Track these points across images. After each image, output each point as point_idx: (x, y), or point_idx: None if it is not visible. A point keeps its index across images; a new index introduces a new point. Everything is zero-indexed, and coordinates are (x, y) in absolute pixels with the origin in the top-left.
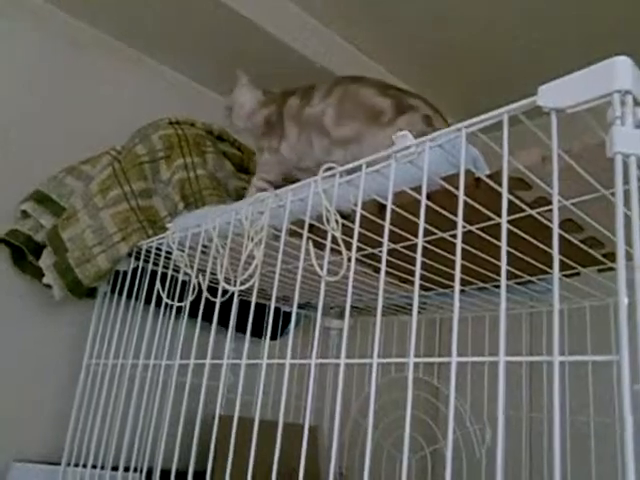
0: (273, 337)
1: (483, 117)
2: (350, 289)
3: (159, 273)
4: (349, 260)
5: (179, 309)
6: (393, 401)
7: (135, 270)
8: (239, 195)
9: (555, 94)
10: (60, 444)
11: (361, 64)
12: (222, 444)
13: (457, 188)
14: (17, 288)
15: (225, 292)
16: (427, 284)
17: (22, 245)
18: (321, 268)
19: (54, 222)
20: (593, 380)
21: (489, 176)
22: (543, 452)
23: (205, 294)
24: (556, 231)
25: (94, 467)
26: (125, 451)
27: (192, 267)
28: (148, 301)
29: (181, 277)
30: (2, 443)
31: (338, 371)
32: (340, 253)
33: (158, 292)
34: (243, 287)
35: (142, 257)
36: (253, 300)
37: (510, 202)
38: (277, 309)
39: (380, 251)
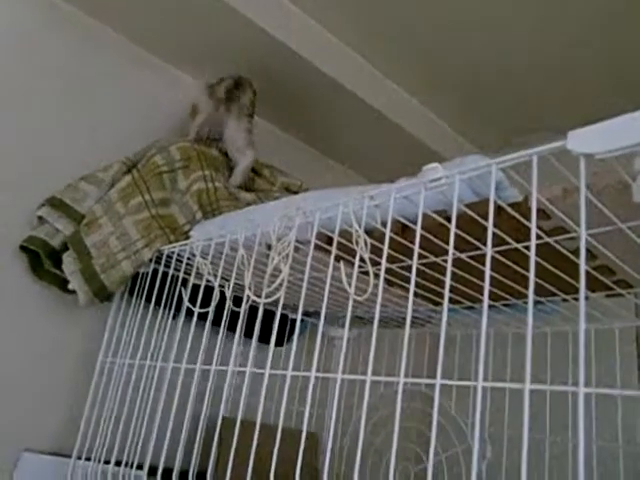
0: (279, 344)
1: (513, 156)
2: (379, 309)
3: (180, 278)
4: (375, 277)
5: (193, 313)
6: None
7: (151, 273)
8: None
9: (584, 140)
10: (72, 438)
11: (374, 79)
12: (225, 445)
13: (480, 215)
14: (34, 292)
15: (246, 302)
16: (438, 299)
17: (38, 249)
18: (347, 285)
19: (70, 226)
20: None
21: (511, 205)
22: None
23: (229, 303)
24: (583, 268)
25: (107, 462)
26: (136, 448)
27: (215, 275)
28: (160, 303)
29: (193, 280)
30: (15, 433)
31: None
32: (362, 267)
33: (174, 296)
34: (269, 300)
35: (163, 262)
36: (278, 312)
37: (530, 229)
38: (284, 316)
39: (400, 267)
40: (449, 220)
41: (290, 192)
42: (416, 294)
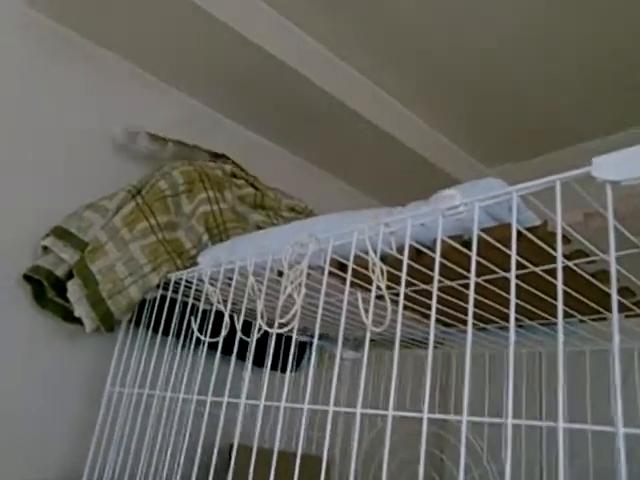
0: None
1: (535, 182)
2: (398, 337)
3: (189, 304)
4: (393, 303)
5: (201, 340)
6: (407, 437)
7: (156, 299)
8: (259, 229)
9: (610, 166)
10: (79, 468)
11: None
12: (238, 473)
13: (497, 240)
14: (38, 322)
15: (258, 331)
16: (449, 320)
17: (42, 278)
18: (364, 314)
19: (75, 255)
20: None
21: (529, 229)
22: None
23: (239, 332)
24: (615, 294)
25: None
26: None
27: (225, 301)
28: (168, 332)
29: (203, 306)
30: (19, 463)
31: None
32: (377, 292)
33: (182, 324)
34: (282, 330)
35: (170, 288)
36: (293, 340)
37: (548, 253)
38: (291, 339)
39: (413, 291)
40: (464, 244)
41: (295, 212)
42: (427, 316)
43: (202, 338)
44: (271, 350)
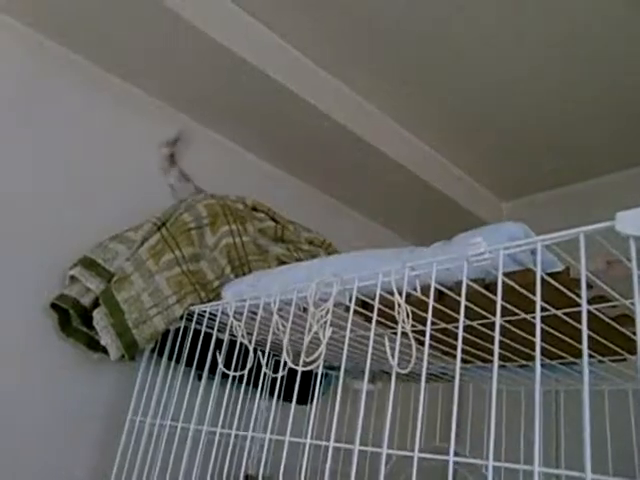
0: (304, 402)
1: (560, 234)
2: (424, 378)
3: (214, 337)
4: (417, 342)
5: (223, 371)
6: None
7: (179, 330)
8: (280, 261)
9: (634, 221)
10: None
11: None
12: None
13: (520, 284)
14: (63, 350)
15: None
16: (469, 357)
17: (69, 307)
18: (390, 354)
19: (101, 285)
20: None
21: (551, 274)
22: None
23: (265, 368)
24: None
25: None
26: None
27: (250, 334)
28: (192, 362)
29: (220, 337)
30: None
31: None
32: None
33: (204, 354)
34: (308, 368)
35: (194, 319)
36: (319, 377)
37: (568, 296)
38: (309, 371)
39: (435, 330)
40: (487, 287)
41: (314, 245)
42: (446, 353)
43: (228, 372)
44: (296, 387)
